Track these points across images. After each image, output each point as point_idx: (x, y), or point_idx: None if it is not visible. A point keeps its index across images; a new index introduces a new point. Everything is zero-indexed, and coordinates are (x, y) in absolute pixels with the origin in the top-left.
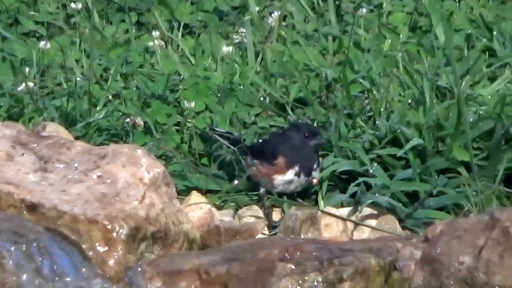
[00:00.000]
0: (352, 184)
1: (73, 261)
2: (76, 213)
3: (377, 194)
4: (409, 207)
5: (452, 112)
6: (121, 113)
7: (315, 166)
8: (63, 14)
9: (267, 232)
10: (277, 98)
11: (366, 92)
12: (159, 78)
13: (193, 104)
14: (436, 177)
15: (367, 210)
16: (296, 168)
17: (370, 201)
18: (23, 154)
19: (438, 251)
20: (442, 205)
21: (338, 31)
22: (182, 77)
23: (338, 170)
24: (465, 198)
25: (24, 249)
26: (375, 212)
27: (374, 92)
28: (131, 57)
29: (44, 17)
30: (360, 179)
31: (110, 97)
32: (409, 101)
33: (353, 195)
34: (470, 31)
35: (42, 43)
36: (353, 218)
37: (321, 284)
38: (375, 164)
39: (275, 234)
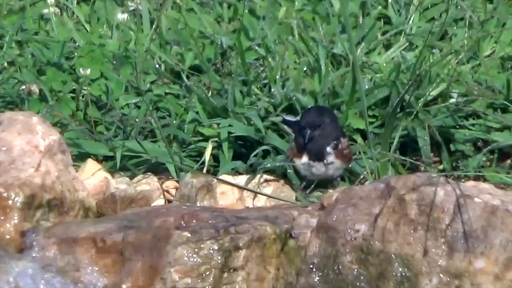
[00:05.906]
0: (252, 154)
1: None
2: None
3: (270, 163)
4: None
5: (347, 80)
6: (16, 81)
7: None
8: None
9: (163, 201)
10: (173, 65)
11: (261, 60)
12: (54, 45)
13: (88, 71)
14: None
15: (263, 179)
16: None
17: (267, 165)
18: None
19: (334, 219)
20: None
21: None
22: (77, 44)
23: (234, 135)
24: (360, 166)
25: None
26: (271, 179)
27: (270, 60)
28: (26, 24)
29: None
30: (260, 149)
31: (6, 64)
32: (305, 69)
33: (251, 165)
34: None
35: None
36: (249, 186)
37: (217, 252)
38: (270, 131)
39: None
